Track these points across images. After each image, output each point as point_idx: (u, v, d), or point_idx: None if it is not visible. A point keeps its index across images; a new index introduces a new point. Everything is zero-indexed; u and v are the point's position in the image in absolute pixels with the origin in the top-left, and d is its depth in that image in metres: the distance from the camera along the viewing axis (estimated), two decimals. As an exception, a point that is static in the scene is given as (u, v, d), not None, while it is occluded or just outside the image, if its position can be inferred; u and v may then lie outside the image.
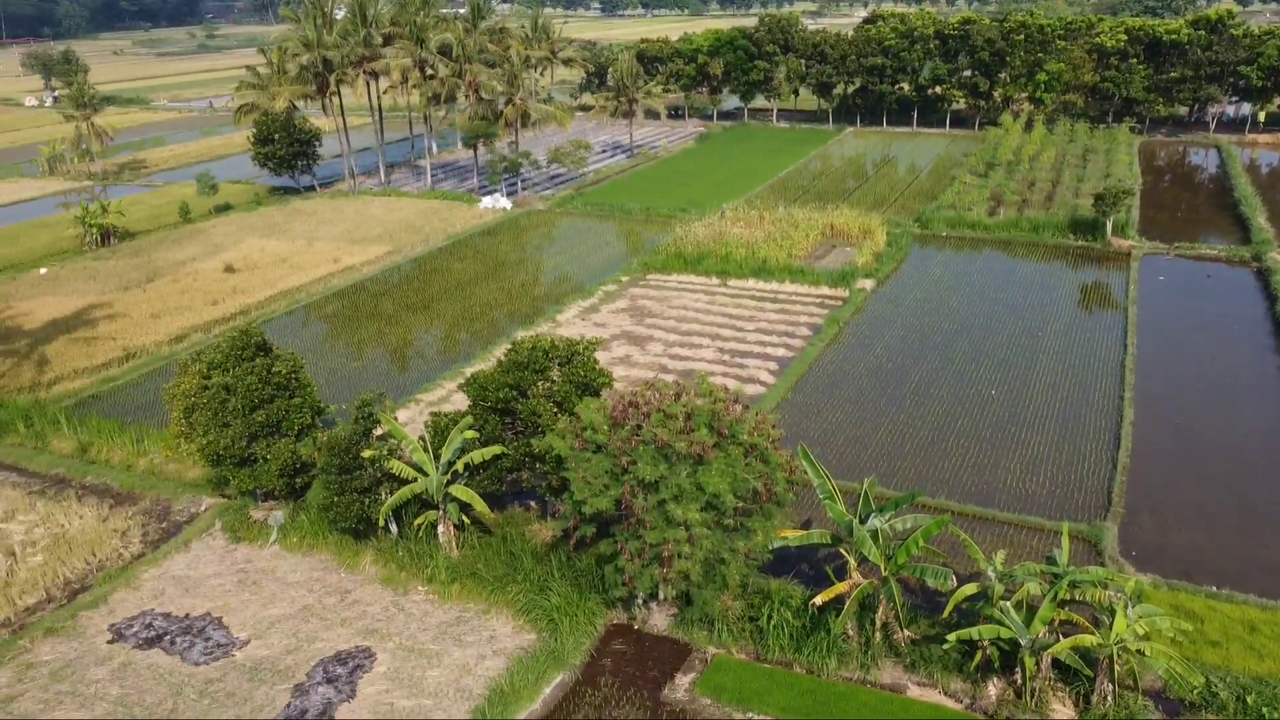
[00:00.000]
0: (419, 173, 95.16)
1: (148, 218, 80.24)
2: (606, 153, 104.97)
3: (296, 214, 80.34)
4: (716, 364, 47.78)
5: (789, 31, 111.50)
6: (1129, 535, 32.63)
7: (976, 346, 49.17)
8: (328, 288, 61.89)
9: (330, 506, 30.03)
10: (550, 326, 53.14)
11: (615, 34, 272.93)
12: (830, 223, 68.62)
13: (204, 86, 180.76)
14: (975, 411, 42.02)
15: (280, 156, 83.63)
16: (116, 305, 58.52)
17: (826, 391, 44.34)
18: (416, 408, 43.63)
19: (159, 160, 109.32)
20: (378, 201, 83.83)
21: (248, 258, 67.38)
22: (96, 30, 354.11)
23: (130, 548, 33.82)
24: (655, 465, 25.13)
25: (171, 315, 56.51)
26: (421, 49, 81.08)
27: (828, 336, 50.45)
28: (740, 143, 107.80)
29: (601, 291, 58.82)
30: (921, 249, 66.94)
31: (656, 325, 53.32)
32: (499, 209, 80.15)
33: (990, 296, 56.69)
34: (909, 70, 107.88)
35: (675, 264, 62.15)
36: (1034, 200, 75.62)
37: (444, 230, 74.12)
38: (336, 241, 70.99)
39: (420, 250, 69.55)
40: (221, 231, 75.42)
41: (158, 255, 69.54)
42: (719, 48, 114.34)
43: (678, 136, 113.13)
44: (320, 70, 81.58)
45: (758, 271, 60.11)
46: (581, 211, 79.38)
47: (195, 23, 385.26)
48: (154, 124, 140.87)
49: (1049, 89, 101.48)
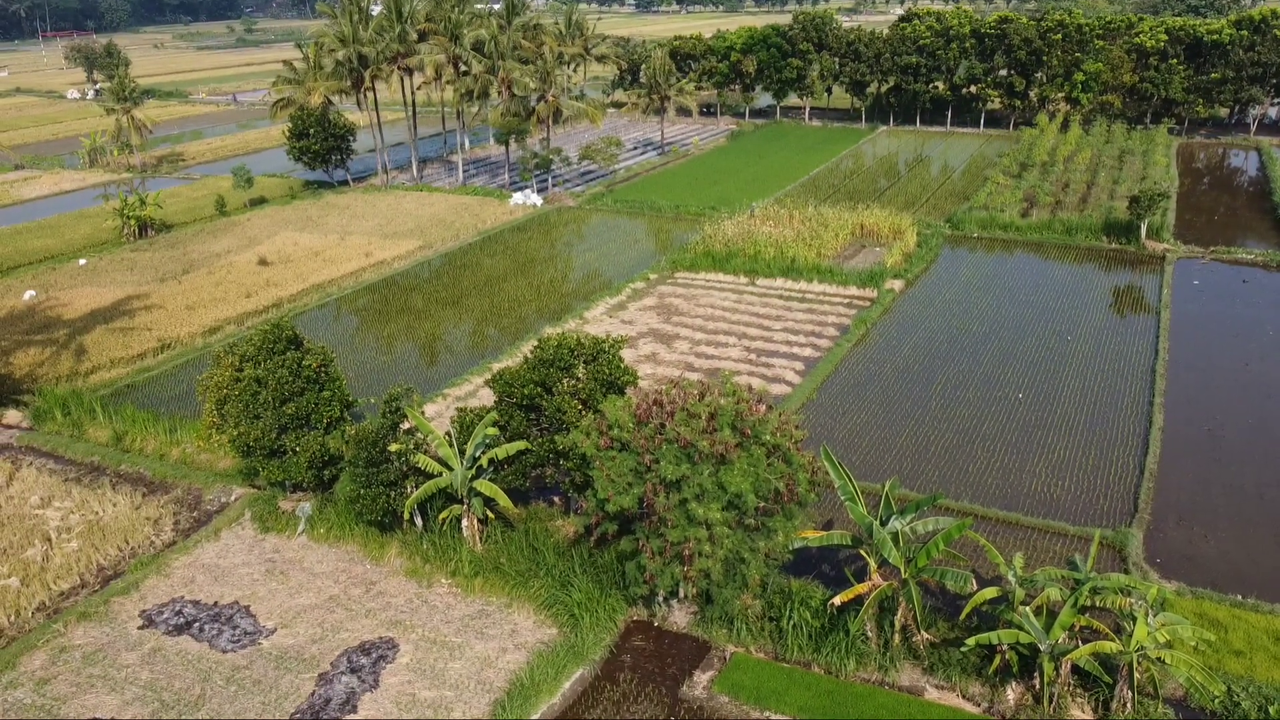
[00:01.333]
0: (451, 168, 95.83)
1: (185, 210, 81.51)
2: (638, 150, 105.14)
3: (330, 208, 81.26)
4: (742, 363, 47.85)
5: (824, 29, 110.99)
6: (1155, 542, 32.37)
7: (1005, 349, 48.84)
8: (359, 282, 62.61)
9: (357, 499, 30.48)
10: (578, 324, 53.43)
11: (649, 30, 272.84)
12: (861, 222, 68.36)
13: (242, 80, 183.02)
14: (1002, 415, 41.77)
15: (315, 151, 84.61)
16: (153, 296, 59.55)
17: (852, 392, 44.26)
18: (444, 402, 44.10)
19: (196, 153, 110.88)
20: (410, 197, 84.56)
21: (281, 251, 68.28)
22: (138, 24, 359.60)
23: (162, 535, 34.53)
24: (678, 464, 25.30)
25: (206, 307, 57.43)
26: (456, 45, 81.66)
27: (855, 337, 50.33)
28: (772, 141, 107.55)
29: (629, 289, 59.03)
30: (953, 250, 66.51)
31: (684, 323, 53.45)
32: (530, 205, 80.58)
33: (1021, 299, 56.24)
34: (944, 69, 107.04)
35: (704, 262, 62.22)
36: (1068, 202, 74.85)
37: (475, 226, 74.66)
38: (369, 236, 71.75)
39: (451, 245, 70.11)
40: (256, 225, 76.47)
41: (194, 247, 70.65)
42: (753, 45, 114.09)
43: (710, 134, 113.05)
44: (355, 66, 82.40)
45: (786, 271, 60.04)
46: (611, 208, 79.63)
47: (235, 17, 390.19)
48: (192, 117, 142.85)
49: (1086, 89, 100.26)
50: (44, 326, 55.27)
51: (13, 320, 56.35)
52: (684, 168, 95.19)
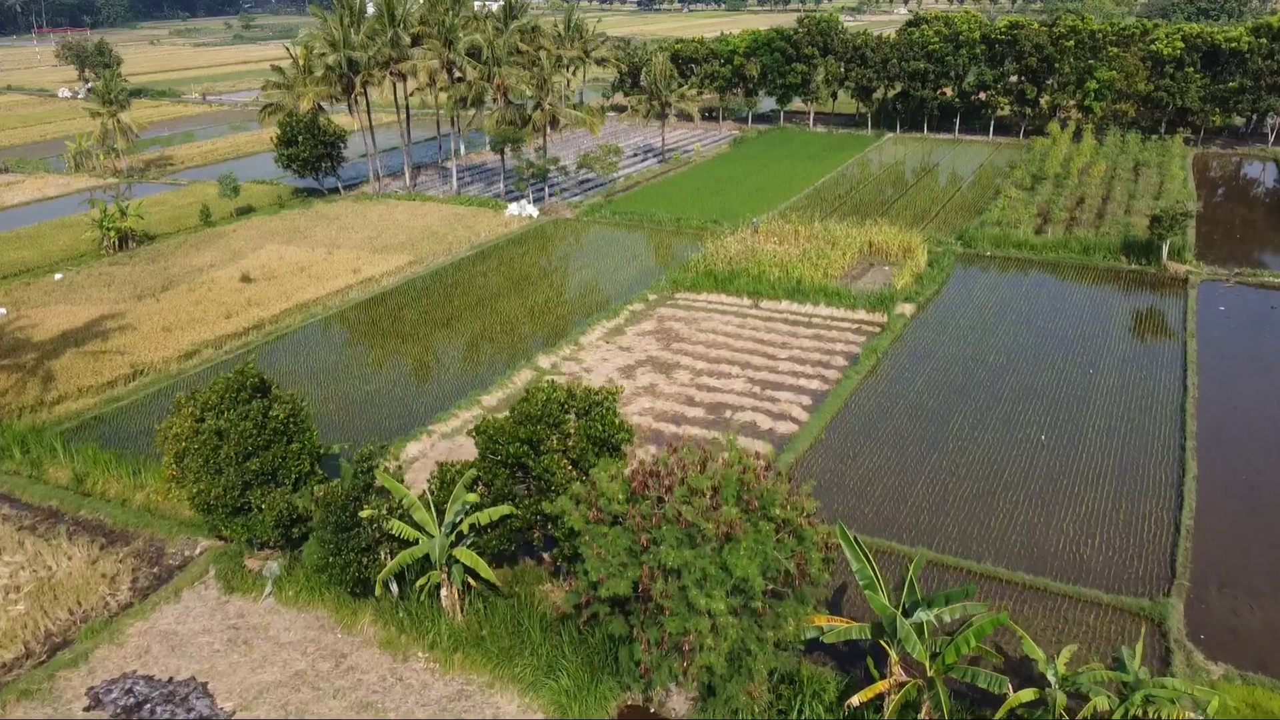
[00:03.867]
0: (445, 175, 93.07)
1: (169, 219, 78.72)
2: (638, 156, 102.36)
3: (319, 218, 78.50)
4: (746, 396, 45.19)
5: (829, 33, 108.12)
6: (1197, 614, 29.71)
7: (1024, 383, 46.14)
8: (346, 300, 59.89)
9: (325, 567, 27.81)
10: (573, 350, 50.78)
11: (651, 30, 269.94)
12: (869, 239, 65.63)
13: (238, 79, 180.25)
14: (1024, 460, 39.09)
15: (304, 159, 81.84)
16: (128, 316, 56.83)
17: (863, 432, 41.57)
18: (429, 440, 41.43)
19: (186, 157, 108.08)
20: (402, 206, 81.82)
21: (266, 266, 65.54)
22: (136, 19, 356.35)
23: (119, 596, 31.85)
24: (679, 549, 22.62)
25: (183, 328, 54.72)
26: (450, 50, 78.87)
27: (865, 368, 47.62)
28: (776, 148, 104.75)
29: (628, 311, 56.33)
30: (965, 269, 63.79)
31: (684, 350, 50.76)
32: (525, 216, 77.86)
33: (1038, 326, 53.51)
34: (952, 75, 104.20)
35: (705, 282, 59.49)
36: (1083, 218, 72.09)
37: (468, 239, 71.93)
38: (357, 249, 69.01)
39: (443, 260, 67.38)
40: (242, 236, 73.70)
41: (175, 261, 67.91)
42: (756, 49, 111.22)
43: (711, 140, 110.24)
44: (345, 71, 79.60)
45: (792, 293, 57.32)
46: (610, 221, 76.88)
47: (233, 13, 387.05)
48: (184, 118, 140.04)
49: (1099, 97, 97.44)
50: (12, 349, 52.52)
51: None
52: (685, 176, 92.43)
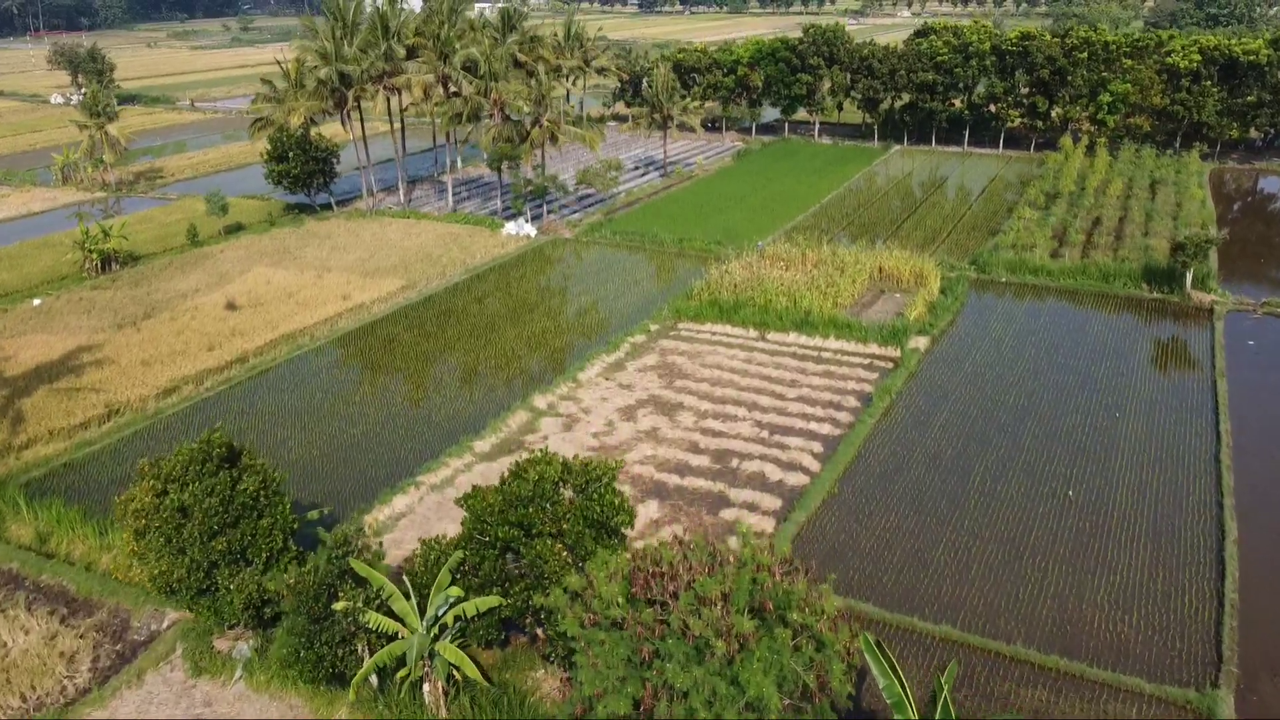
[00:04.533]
0: (441, 190, 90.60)
1: (155, 238, 76.28)
2: (639, 170, 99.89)
3: (310, 237, 76.04)
4: (754, 442, 42.74)
5: (834, 44, 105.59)
6: (1249, 708, 27.25)
7: (1047, 428, 43.65)
8: (334, 330, 57.43)
9: (294, 661, 25.37)
10: (571, 387, 48.32)
11: (652, 33, 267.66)
12: (879, 265, 63.15)
13: (233, 84, 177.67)
14: (1051, 518, 36.63)
15: (295, 176, 79.41)
16: (107, 348, 54.37)
17: (879, 486, 39.10)
18: (416, 493, 38.99)
19: (176, 168, 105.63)
20: (396, 224, 79.34)
21: (252, 291, 63.10)
22: (134, 20, 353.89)
23: (77, 679, 29.40)
24: (688, 668, 20.16)
25: (164, 362, 52.26)
26: (445, 64, 76.40)
27: (879, 410, 45.15)
28: (781, 161, 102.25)
29: (629, 344, 53.86)
30: (979, 296, 61.31)
31: (688, 389, 48.31)
32: (523, 236, 75.42)
33: (1059, 362, 51.01)
34: (962, 87, 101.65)
35: (709, 312, 57.01)
36: (1100, 240, 69.57)
37: (463, 261, 69.48)
38: (348, 273, 66.55)
39: (436, 285, 64.93)
40: (229, 258, 71.25)
41: (159, 285, 65.46)
42: (760, 59, 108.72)
43: (714, 152, 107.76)
44: (337, 85, 77.13)
45: (800, 324, 54.84)
46: (610, 241, 74.38)
47: (232, 14, 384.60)
48: (177, 127, 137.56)
49: (1113, 111, 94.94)
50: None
51: (-52, 377, 51.20)
52: (688, 192, 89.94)
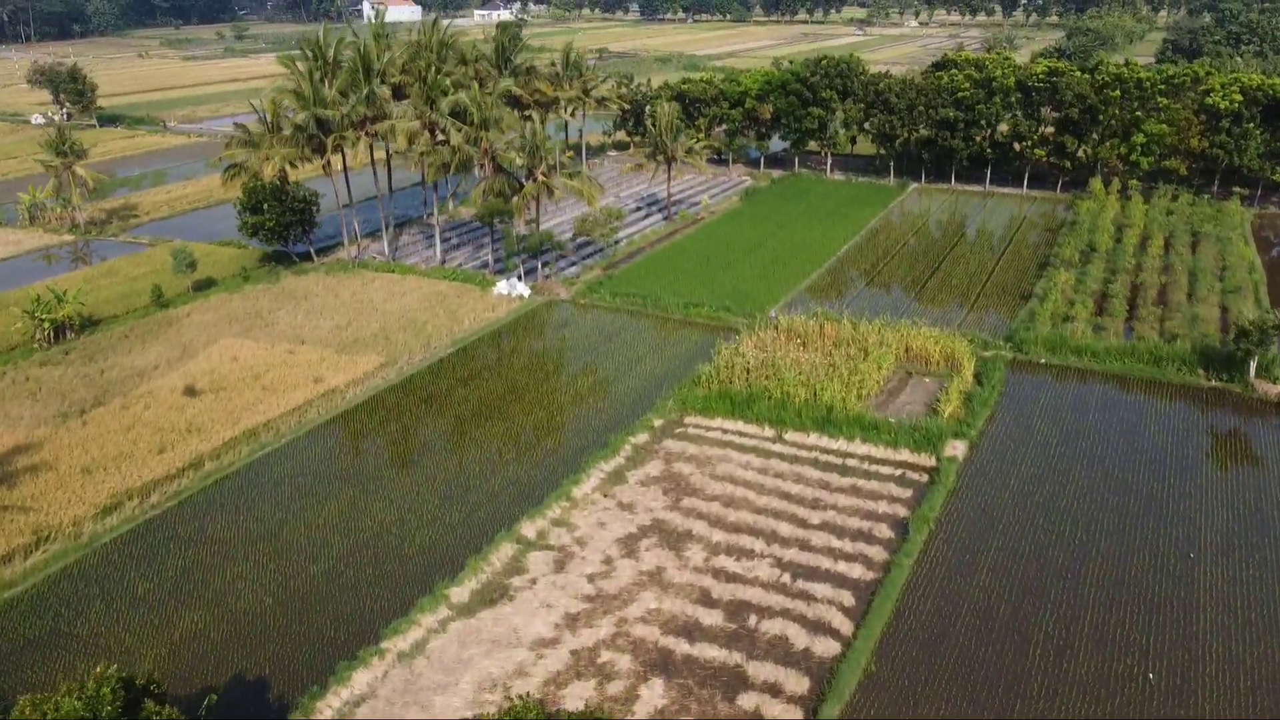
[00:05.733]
0: (430, 235, 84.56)
1: (117, 297, 70.45)
2: (640, 211, 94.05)
3: (285, 298, 70.20)
4: (774, 590, 37.01)
5: (849, 76, 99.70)
6: None
7: (1112, 575, 37.82)
8: (302, 423, 51.60)
9: None
10: (564, 508, 42.54)
11: (654, 43, 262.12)
12: (906, 344, 57.33)
13: (222, 101, 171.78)
14: (1131, 706, 30.79)
15: (270, 228, 73.65)
16: (46, 447, 48.56)
17: (923, 660, 33.26)
18: (380, 665, 33.23)
19: (152, 205, 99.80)
20: (379, 281, 73.48)
21: (216, 371, 57.28)
22: (128, 26, 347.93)
23: None
24: None
25: (107, 469, 46.44)
26: (432, 110, 70.57)
27: (916, 546, 39.33)
28: (792, 201, 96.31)
29: (630, 445, 48.03)
30: (1017, 381, 55.43)
31: (697, 510, 42.53)
32: (516, 297, 69.61)
33: (1116, 476, 45.14)
34: (984, 124, 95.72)
35: (720, 406, 51.16)
36: (1144, 310, 63.60)
37: (449, 329, 63.68)
38: (323, 346, 60.74)
39: (419, 362, 59.11)
40: (195, 324, 65.41)
41: (114, 361, 59.61)
42: (769, 91, 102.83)
43: (721, 189, 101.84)
44: (315, 132, 71.31)
45: (822, 423, 49.01)
46: (610, 305, 68.46)
47: (228, 19, 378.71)
48: (159, 152, 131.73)
49: (1146, 152, 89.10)
50: (-102, 501, 44.31)
51: None
52: (693, 240, 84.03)
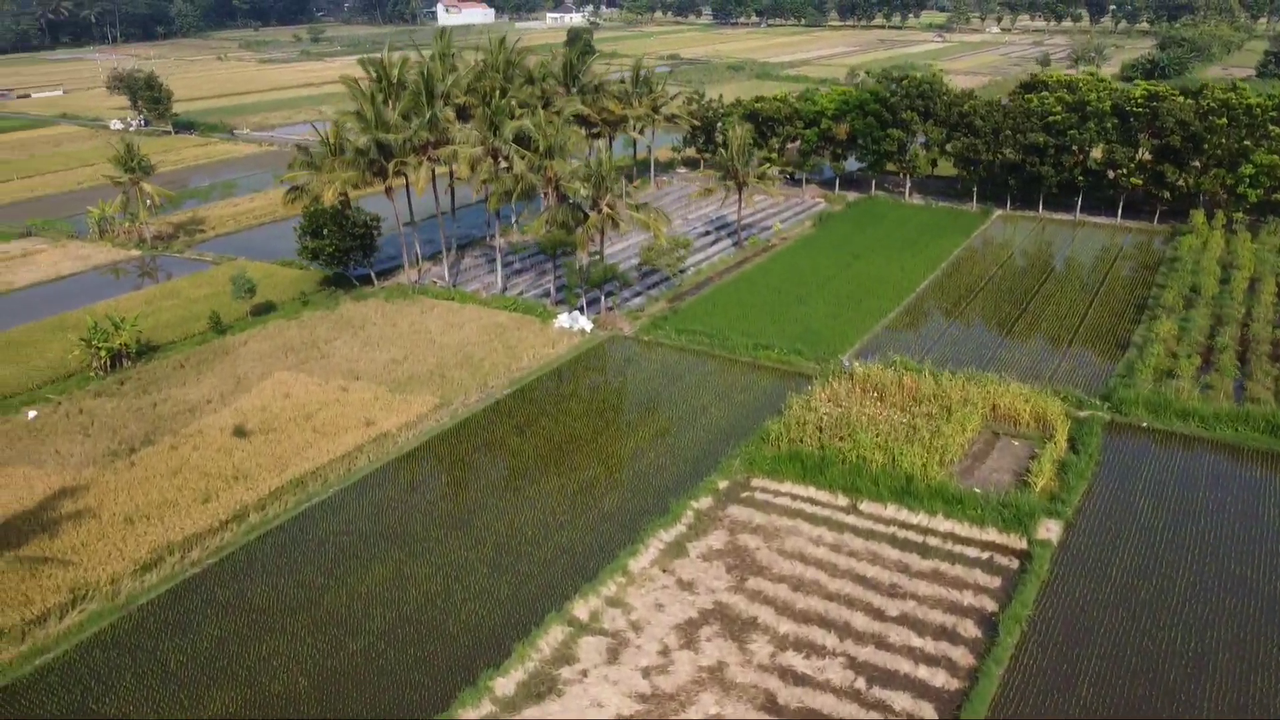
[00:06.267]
0: (492, 258, 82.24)
1: (176, 321, 69.59)
2: (709, 235, 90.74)
3: (342, 326, 68.53)
4: (847, 698, 33.63)
5: (930, 97, 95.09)
6: None
7: (1231, 697, 33.56)
8: (351, 472, 49.53)
9: None
10: (619, 585, 39.65)
11: (726, 49, 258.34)
12: (994, 403, 53.19)
13: (294, 108, 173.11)
14: None
15: (330, 253, 72.25)
16: (91, 491, 47.23)
17: (1017, 799, 29.60)
18: (417, 772, 30.68)
19: (219, 220, 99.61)
20: (438, 309, 71.44)
21: (268, 410, 55.62)
22: (209, 28, 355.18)
23: None
24: None
25: (150, 519, 44.85)
26: (496, 136, 68.24)
27: (1006, 651, 35.53)
28: (867, 228, 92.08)
29: (692, 510, 44.94)
30: (1116, 448, 50.88)
31: (763, 593, 39.28)
32: (578, 331, 66.98)
33: (1232, 571, 40.63)
34: (1074, 149, 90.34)
35: (789, 468, 47.75)
36: (1259, 368, 58.31)
37: (507, 367, 61.25)
38: (377, 384, 58.78)
39: (474, 404, 56.76)
40: (251, 354, 64.04)
41: (168, 393, 58.39)
42: (846, 111, 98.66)
43: (793, 212, 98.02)
44: (376, 156, 69.56)
45: (900, 493, 45.32)
46: (674, 343, 65.34)
47: (305, 21, 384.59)
48: (230, 161, 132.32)
49: (1255, 184, 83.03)
50: (-59, 548, 43.22)
51: (-95, 534, 44.43)
52: (763, 270, 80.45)
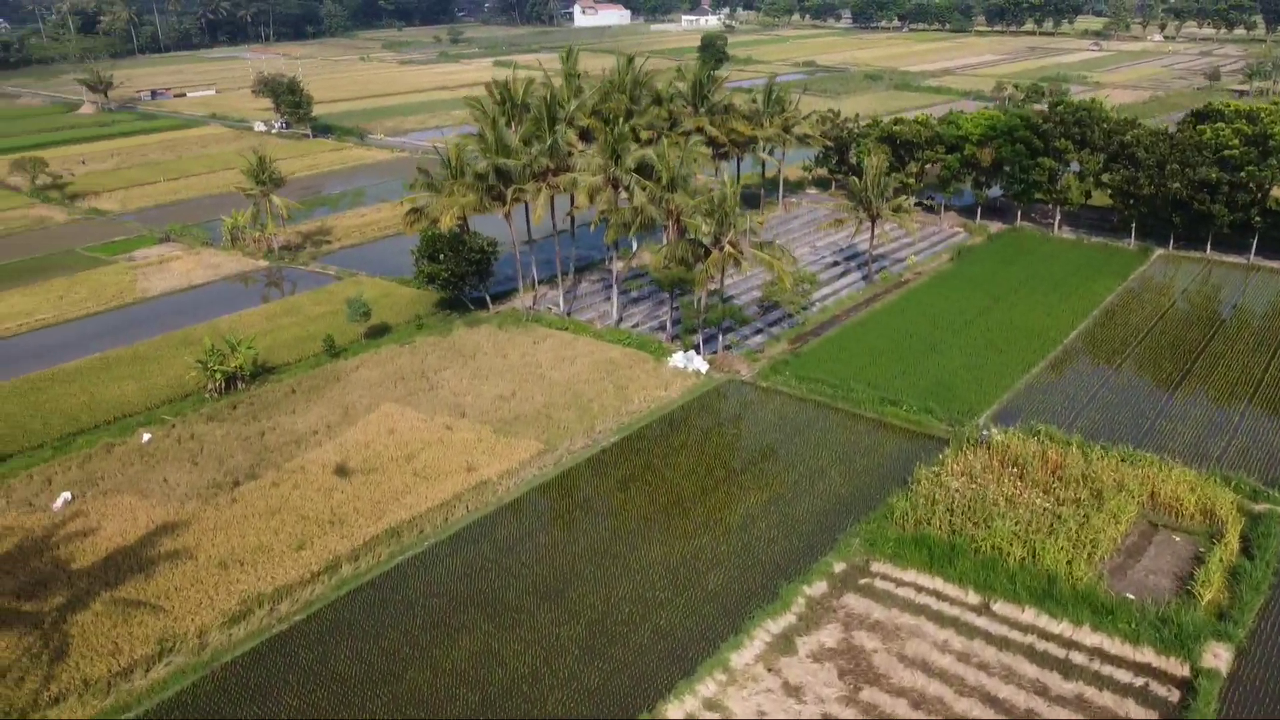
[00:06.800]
0: (609, 283, 79.71)
1: (293, 341, 69.70)
2: (837, 267, 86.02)
3: (453, 355, 67.19)
4: None
5: (1088, 124, 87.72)
6: None
7: None
8: (448, 522, 47.69)
9: None
10: (719, 684, 36.32)
11: (865, 56, 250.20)
12: (1151, 488, 47.37)
13: (429, 112, 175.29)
14: None
15: (445, 279, 71.18)
16: (190, 530, 46.77)
17: None
18: None
19: (345, 230, 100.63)
20: (550, 341, 69.37)
21: (371, 446, 54.47)
22: (357, 28, 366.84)
23: None
24: None
25: (243, 565, 43.99)
26: (617, 165, 65.60)
27: (1165, 813, 30.58)
28: (1011, 264, 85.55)
29: (803, 599, 41.14)
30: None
31: (878, 707, 35.28)
32: (692, 373, 63.76)
33: None
34: (1253, 187, 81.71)
35: (915, 554, 43.36)
36: None
37: (616, 410, 58.52)
38: (481, 423, 56.96)
39: (578, 451, 54.28)
40: (360, 382, 63.29)
41: (276, 421, 58.01)
42: (993, 137, 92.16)
43: (929, 243, 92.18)
44: (494, 183, 67.96)
45: (1041, 595, 40.41)
46: (794, 391, 61.33)
47: (447, 21, 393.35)
48: (363, 167, 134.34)
49: None
50: (42, 582, 43.16)
51: (12, 563, 44.69)
52: (894, 310, 75.33)
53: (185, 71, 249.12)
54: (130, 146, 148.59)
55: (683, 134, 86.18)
